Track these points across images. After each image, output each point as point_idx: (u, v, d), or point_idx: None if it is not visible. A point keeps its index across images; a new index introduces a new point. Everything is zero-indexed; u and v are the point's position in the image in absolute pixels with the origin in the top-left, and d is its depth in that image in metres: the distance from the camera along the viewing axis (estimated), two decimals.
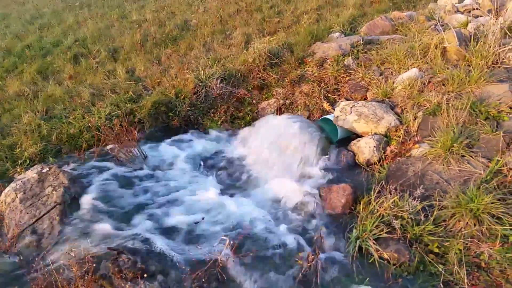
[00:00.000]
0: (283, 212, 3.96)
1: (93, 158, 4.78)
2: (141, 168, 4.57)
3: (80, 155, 4.85)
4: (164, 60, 7.24)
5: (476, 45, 5.50)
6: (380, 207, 3.71)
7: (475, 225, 3.50)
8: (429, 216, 3.66)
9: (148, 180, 4.32)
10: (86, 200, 3.84)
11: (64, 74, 6.99)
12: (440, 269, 3.21)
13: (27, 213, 3.88)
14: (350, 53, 6.35)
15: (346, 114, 5.07)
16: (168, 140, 5.26)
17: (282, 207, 4.01)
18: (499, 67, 5.22)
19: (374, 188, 3.92)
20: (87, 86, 6.38)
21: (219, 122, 5.86)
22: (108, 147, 4.92)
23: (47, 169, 4.30)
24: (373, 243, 3.44)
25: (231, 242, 3.20)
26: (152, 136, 5.41)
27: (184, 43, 7.86)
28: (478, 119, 4.49)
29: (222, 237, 3.08)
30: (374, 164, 4.61)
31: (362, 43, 6.44)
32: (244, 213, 3.81)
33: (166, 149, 4.99)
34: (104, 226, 3.54)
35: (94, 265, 3.15)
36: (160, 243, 3.35)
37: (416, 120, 4.75)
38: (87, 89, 6.20)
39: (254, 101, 6.21)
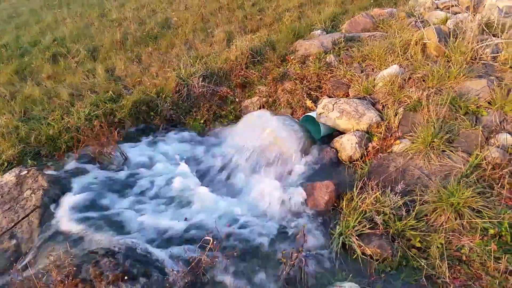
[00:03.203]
0: (266, 210, 3.94)
1: (73, 160, 4.68)
2: (122, 169, 4.50)
3: (60, 157, 4.76)
4: (145, 58, 7.15)
5: (455, 41, 5.58)
6: (362, 203, 3.73)
7: (456, 219, 3.54)
8: (411, 211, 3.70)
9: (129, 181, 4.25)
10: (66, 203, 3.75)
11: (43, 74, 6.84)
12: (422, 264, 3.24)
13: (5, 217, 3.78)
14: (332, 51, 6.37)
15: (328, 111, 5.08)
16: (150, 140, 5.18)
17: (265, 205, 3.99)
18: (477, 63, 5.30)
19: (356, 185, 3.94)
20: (66, 86, 6.25)
21: (202, 121, 5.81)
22: (89, 148, 4.82)
23: (26, 171, 4.20)
24: (356, 239, 3.45)
25: (215, 241, 3.17)
26: (133, 136, 5.33)
27: (165, 41, 7.78)
28: (458, 114, 4.56)
29: (206, 237, 3.05)
30: (357, 161, 4.64)
31: (343, 40, 6.47)
32: (227, 212, 3.78)
33: (147, 149, 4.92)
34: (85, 229, 3.47)
35: (75, 268, 3.10)
36: (143, 244, 3.30)
37: (397, 116, 4.78)
38: (66, 89, 6.08)
39: (237, 99, 6.18)
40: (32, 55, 7.83)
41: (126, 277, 3.02)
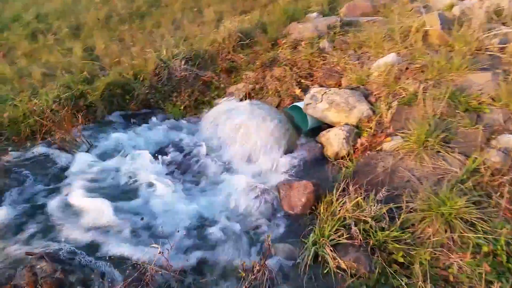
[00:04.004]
0: (235, 211, 3.54)
1: (34, 146, 4.31)
2: (83, 157, 4.10)
3: (21, 142, 4.38)
4: (128, 38, 6.70)
5: (460, 29, 5.08)
6: (341, 208, 3.32)
7: (446, 231, 3.11)
8: (396, 219, 3.28)
9: (86, 172, 3.86)
10: (11, 197, 3.38)
11: (18, 52, 6.43)
12: (403, 283, 2.83)
13: None
14: (326, 35, 5.88)
15: (316, 102, 4.64)
16: (121, 127, 4.79)
17: (235, 206, 3.58)
18: (483, 53, 4.81)
19: (337, 186, 3.52)
20: (40, 65, 5.84)
21: (182, 107, 5.39)
22: (55, 134, 4.43)
23: None
24: (331, 250, 3.04)
25: (170, 246, 2.78)
26: (104, 122, 4.93)
27: (151, 21, 7.31)
28: (457, 111, 4.09)
29: (153, 245, 2.65)
30: (343, 158, 4.21)
31: (340, 25, 5.97)
32: (191, 212, 3.39)
33: (117, 137, 4.51)
34: (27, 227, 3.09)
35: (7, 272, 2.74)
36: (89, 248, 2.93)
37: (389, 111, 4.32)
38: (39, 68, 5.66)
39: (222, 85, 5.74)
40: (11, 31, 7.39)
41: (62, 286, 2.66)
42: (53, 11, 8.12)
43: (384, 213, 3.25)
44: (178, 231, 3.05)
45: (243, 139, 4.17)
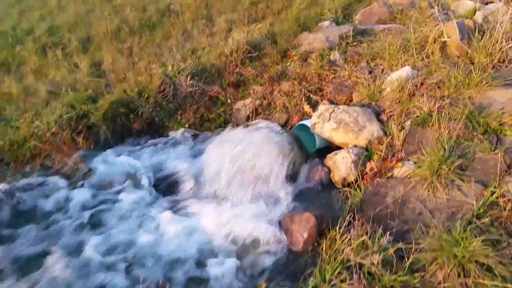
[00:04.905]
0: (232, 246, 3.33)
1: (32, 172, 4.23)
2: (82, 185, 3.99)
3: (18, 167, 4.31)
4: (137, 51, 6.58)
5: (481, 39, 4.71)
6: (345, 247, 3.07)
7: (459, 275, 2.83)
8: (405, 259, 3.01)
9: (83, 203, 3.74)
10: None
11: (27, 67, 6.41)
12: None
13: None
14: (337, 46, 5.60)
15: (324, 121, 4.39)
16: (124, 149, 4.66)
17: (233, 240, 3.38)
18: (506, 66, 4.44)
19: (341, 221, 3.27)
20: (47, 82, 5.79)
21: (187, 125, 5.22)
22: (54, 159, 4.35)
23: None
24: None
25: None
26: (107, 143, 4.81)
27: (161, 31, 7.18)
28: (475, 133, 3.77)
29: None
30: (351, 184, 3.94)
31: (352, 34, 5.67)
32: (183, 248, 3.21)
33: (119, 160, 4.37)
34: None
35: None
36: None
37: (402, 132, 4.03)
38: (45, 86, 5.61)
39: (228, 101, 5.53)
40: (24, 44, 7.40)
41: None
42: (65, 22, 8.10)
43: (391, 254, 2.98)
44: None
45: (241, 167, 3.95)
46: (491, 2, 5.98)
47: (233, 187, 3.82)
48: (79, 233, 3.43)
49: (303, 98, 5.17)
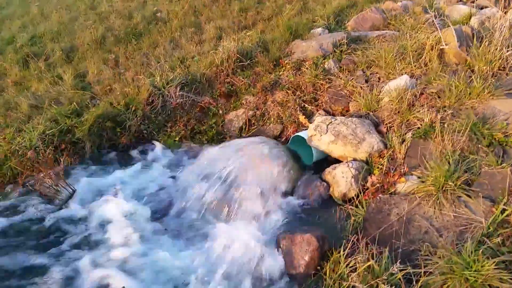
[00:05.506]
0: (228, 271, 3.11)
1: (13, 192, 3.97)
2: (63, 207, 3.74)
3: (0, 187, 4.05)
4: (123, 60, 6.33)
5: (480, 46, 4.58)
6: (349, 270, 2.88)
7: None
8: (414, 282, 2.83)
9: (63, 229, 3.49)
10: None
11: (8, 80, 6.12)
12: None
13: None
14: (331, 54, 5.43)
15: (321, 133, 4.20)
16: (110, 165, 4.42)
17: (228, 264, 3.15)
18: (506, 74, 4.31)
19: (345, 243, 3.08)
20: (29, 95, 5.51)
21: (177, 138, 5.00)
22: (35, 179, 4.09)
23: None
24: None
25: None
26: (92, 160, 4.56)
27: (148, 40, 6.94)
28: (479, 145, 3.62)
29: None
30: (351, 200, 3.76)
31: (346, 42, 5.50)
32: (170, 274, 2.99)
33: (103, 178, 4.15)
34: None
35: None
36: None
37: (403, 145, 3.86)
38: (27, 99, 5.33)
39: (220, 111, 5.32)
40: (5, 55, 7.10)
41: None
42: (48, 31, 7.81)
43: (399, 278, 2.80)
44: None
45: (236, 185, 3.74)
46: (486, 7, 5.88)
47: (227, 205, 3.61)
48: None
49: (297, 108, 4.99)
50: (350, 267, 2.91)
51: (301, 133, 4.50)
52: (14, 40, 7.71)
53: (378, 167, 3.88)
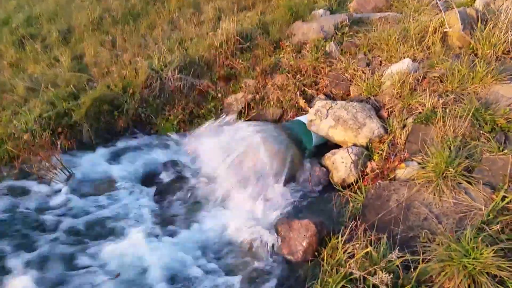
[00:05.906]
0: (226, 256, 3.11)
1: (10, 176, 3.94)
2: (59, 190, 3.71)
3: None
4: (120, 42, 6.23)
5: (484, 28, 4.49)
6: (347, 256, 2.87)
7: (469, 287, 2.65)
8: (412, 270, 2.81)
9: (59, 212, 3.46)
10: None
11: (4, 61, 6.04)
12: None
13: None
14: (333, 37, 5.33)
15: (321, 118, 4.15)
16: (106, 150, 4.37)
17: (226, 249, 3.16)
18: (510, 58, 4.23)
19: (343, 229, 3.06)
20: (25, 77, 5.44)
21: (175, 122, 4.94)
22: (32, 162, 4.05)
23: None
24: None
25: None
26: (89, 142, 4.52)
27: (146, 21, 6.82)
28: (481, 131, 3.56)
29: None
30: (351, 186, 3.73)
31: (348, 24, 5.40)
32: (172, 261, 2.97)
33: (101, 162, 4.12)
34: None
35: None
36: None
37: (404, 130, 3.82)
38: (23, 82, 5.26)
39: (219, 95, 5.24)
40: (0, 36, 6.99)
41: None
42: (45, 12, 7.66)
43: (397, 265, 2.79)
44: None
45: (237, 170, 3.71)
46: None
47: (228, 188, 3.58)
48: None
49: (298, 92, 4.92)
50: (348, 254, 2.90)
51: (301, 118, 4.45)
52: (9, 20, 7.59)
53: (378, 153, 3.84)
